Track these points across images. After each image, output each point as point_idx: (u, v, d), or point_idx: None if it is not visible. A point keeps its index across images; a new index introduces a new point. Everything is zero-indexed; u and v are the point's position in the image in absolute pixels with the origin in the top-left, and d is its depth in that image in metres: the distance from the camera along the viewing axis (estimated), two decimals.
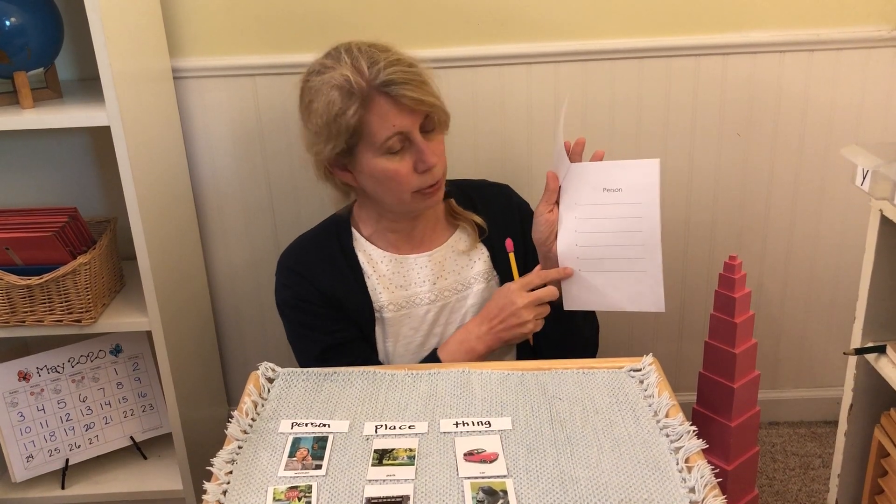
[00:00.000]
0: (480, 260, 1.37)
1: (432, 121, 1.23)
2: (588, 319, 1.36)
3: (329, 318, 1.31)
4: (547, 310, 1.27)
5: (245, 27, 1.68)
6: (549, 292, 1.25)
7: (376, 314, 1.33)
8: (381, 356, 1.35)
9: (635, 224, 1.21)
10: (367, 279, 1.33)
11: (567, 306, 1.29)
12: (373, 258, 1.34)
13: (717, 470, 0.95)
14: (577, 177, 1.24)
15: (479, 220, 1.37)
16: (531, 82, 1.71)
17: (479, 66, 1.69)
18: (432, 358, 1.30)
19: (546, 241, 1.26)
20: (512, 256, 1.31)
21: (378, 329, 1.33)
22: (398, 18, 1.66)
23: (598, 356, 1.38)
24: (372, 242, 1.35)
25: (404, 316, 1.33)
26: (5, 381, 1.63)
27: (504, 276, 1.37)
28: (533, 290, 1.26)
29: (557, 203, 1.26)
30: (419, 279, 1.34)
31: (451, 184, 1.37)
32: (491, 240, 1.37)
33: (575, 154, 1.25)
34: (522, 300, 1.24)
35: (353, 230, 1.36)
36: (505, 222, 1.38)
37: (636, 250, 1.22)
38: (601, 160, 1.23)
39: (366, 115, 1.19)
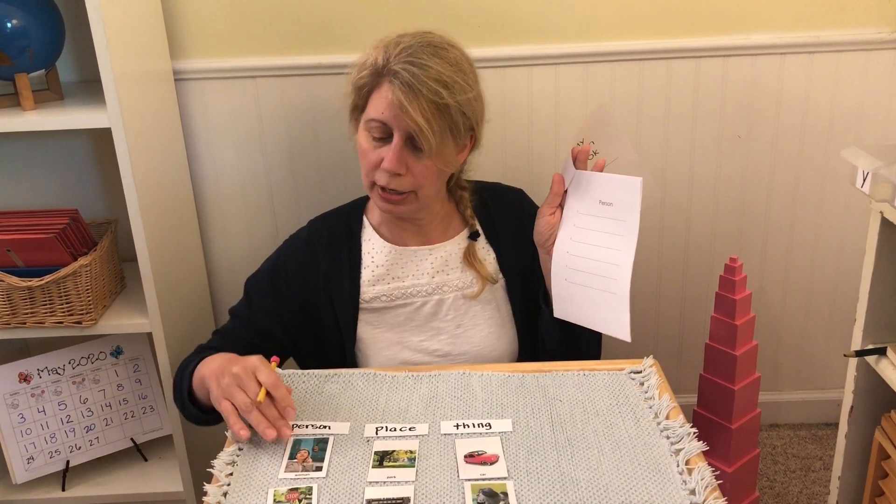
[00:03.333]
0: (486, 261, 1.37)
1: (421, 142, 1.19)
2: (586, 329, 1.35)
3: (265, 334, 1.32)
4: (237, 397, 1.04)
5: (246, 29, 1.68)
6: (248, 393, 1.05)
7: (362, 305, 1.34)
8: (356, 343, 1.34)
9: (617, 242, 1.17)
10: (363, 269, 1.34)
11: (556, 314, 1.28)
12: (375, 247, 1.36)
13: (718, 472, 0.95)
14: (580, 184, 1.22)
15: (490, 273, 1.36)
16: (532, 84, 1.72)
17: (480, 68, 1.68)
18: (192, 366, 1.20)
19: (545, 244, 1.26)
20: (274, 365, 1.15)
21: (363, 319, 1.34)
22: (398, 20, 1.66)
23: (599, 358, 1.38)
24: (379, 232, 1.37)
25: (399, 306, 1.34)
26: (6, 383, 1.63)
27: (510, 277, 1.37)
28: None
29: (561, 206, 1.26)
30: (418, 271, 1.35)
31: (466, 183, 1.38)
32: (499, 242, 1.38)
33: (579, 162, 1.23)
34: (238, 367, 1.07)
35: (364, 218, 1.38)
36: (515, 225, 1.38)
37: (611, 269, 1.18)
38: (602, 170, 1.21)
39: (373, 87, 1.22)
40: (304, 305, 1.35)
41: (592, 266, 1.20)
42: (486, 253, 1.38)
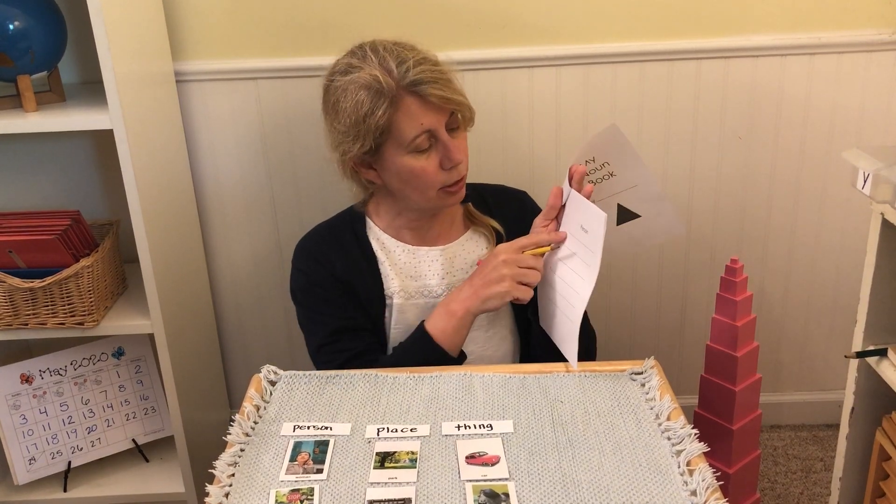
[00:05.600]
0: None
1: (457, 118, 1.25)
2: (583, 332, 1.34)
3: (341, 303, 1.32)
4: (530, 275, 1.20)
5: (247, 31, 1.68)
6: (533, 261, 1.21)
7: (387, 300, 1.34)
8: (389, 343, 1.35)
9: (584, 270, 1.15)
10: (379, 265, 1.35)
11: (540, 322, 1.28)
12: (386, 246, 1.36)
13: (719, 473, 0.95)
14: (570, 204, 1.22)
15: (496, 224, 1.38)
16: (533, 86, 1.72)
17: (481, 70, 1.70)
18: (420, 330, 1.27)
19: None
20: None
21: (388, 315, 1.35)
22: (399, 22, 1.67)
23: (599, 360, 1.38)
24: (386, 234, 1.37)
25: (413, 305, 1.35)
26: (8, 384, 1.63)
27: None
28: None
29: (557, 220, 1.25)
30: (430, 272, 1.35)
31: (469, 187, 1.37)
32: (503, 243, 1.38)
33: (574, 182, 1.21)
34: (504, 254, 1.21)
35: (368, 220, 1.38)
36: (517, 228, 1.38)
37: (572, 295, 1.17)
38: (588, 197, 1.17)
39: (395, 115, 1.20)
40: (346, 292, 1.33)
41: (561, 287, 1.21)
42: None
